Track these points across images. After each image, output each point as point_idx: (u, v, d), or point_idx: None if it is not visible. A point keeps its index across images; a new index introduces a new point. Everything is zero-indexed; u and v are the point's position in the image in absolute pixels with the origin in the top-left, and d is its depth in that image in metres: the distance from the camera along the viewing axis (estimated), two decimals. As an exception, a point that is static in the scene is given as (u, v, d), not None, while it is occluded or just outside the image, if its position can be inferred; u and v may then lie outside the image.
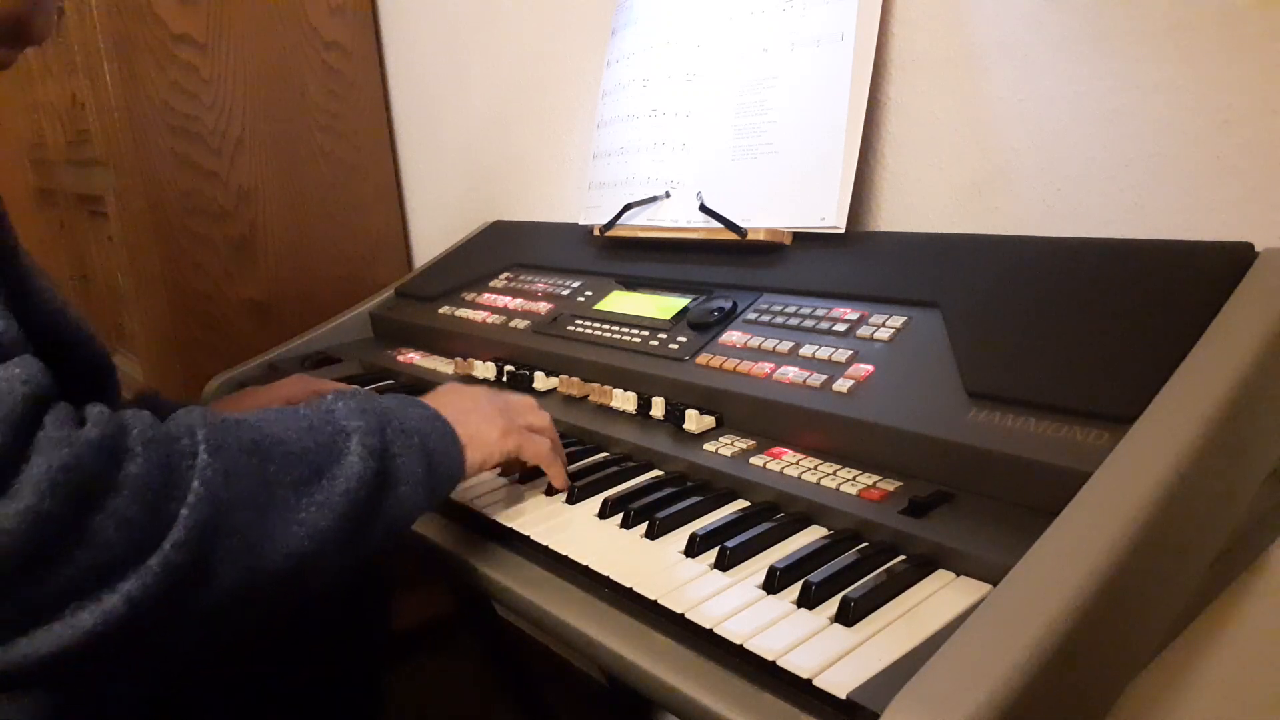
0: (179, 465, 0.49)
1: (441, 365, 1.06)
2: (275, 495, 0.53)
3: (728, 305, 0.84)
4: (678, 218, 0.97)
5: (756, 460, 0.68)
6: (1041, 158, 0.78)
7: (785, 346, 0.75)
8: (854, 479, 0.63)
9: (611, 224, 1.03)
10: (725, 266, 0.91)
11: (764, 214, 0.89)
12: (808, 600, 0.52)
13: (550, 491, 0.71)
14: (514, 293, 1.10)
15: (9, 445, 0.43)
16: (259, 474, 0.52)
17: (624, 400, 0.82)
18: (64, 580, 0.44)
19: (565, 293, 1.03)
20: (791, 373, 0.72)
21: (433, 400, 0.67)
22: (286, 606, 0.55)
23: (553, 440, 0.72)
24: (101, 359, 0.68)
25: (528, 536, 0.64)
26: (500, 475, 0.75)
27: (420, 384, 1.03)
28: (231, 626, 0.52)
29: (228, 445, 0.51)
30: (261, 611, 0.53)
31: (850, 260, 0.82)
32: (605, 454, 0.78)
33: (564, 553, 0.61)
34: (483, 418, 0.67)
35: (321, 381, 0.92)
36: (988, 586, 0.52)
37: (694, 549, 0.59)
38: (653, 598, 0.54)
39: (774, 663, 0.47)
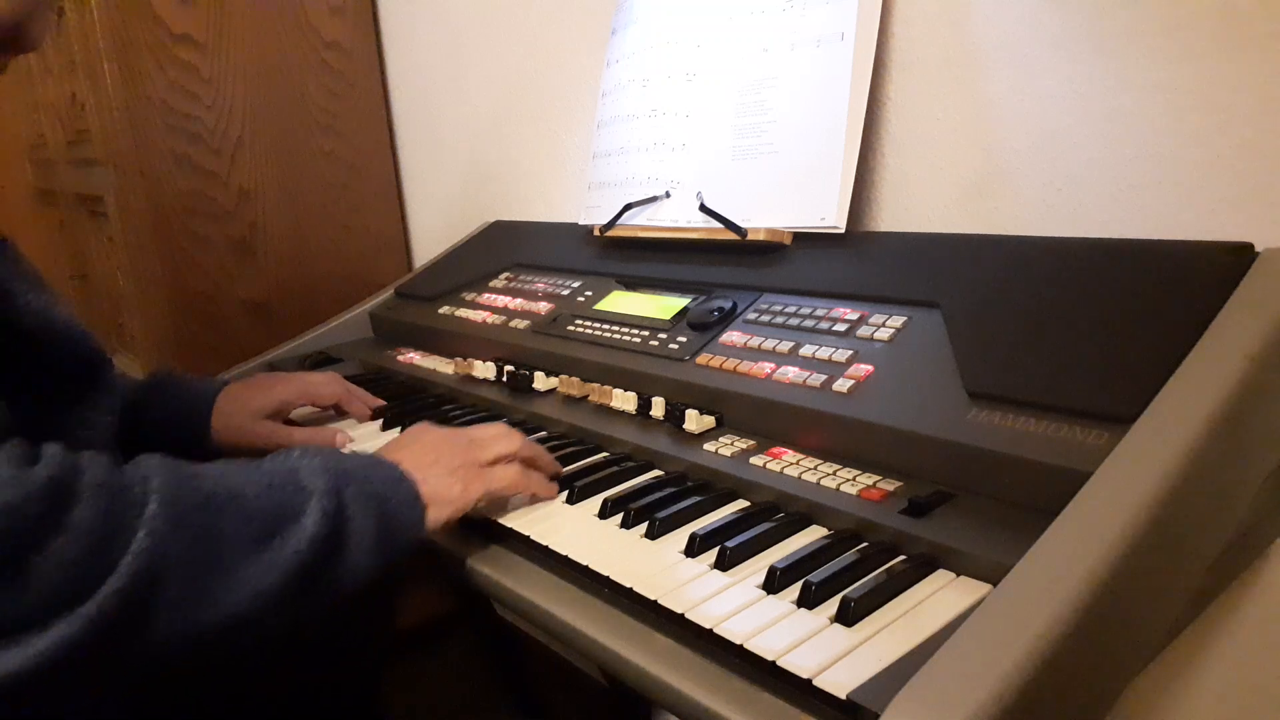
0: (126, 514, 0.48)
1: (441, 365, 1.06)
2: (223, 552, 0.51)
3: (728, 305, 0.84)
4: (678, 218, 0.97)
5: (756, 460, 0.68)
6: (1041, 158, 0.78)
7: (785, 346, 0.75)
8: (854, 479, 0.63)
9: (611, 224, 1.03)
10: (725, 266, 0.91)
11: (764, 214, 0.89)
12: (808, 600, 0.52)
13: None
14: (514, 293, 1.10)
15: None
16: (210, 529, 0.51)
17: (624, 400, 0.82)
18: None
19: (565, 293, 1.03)
20: (791, 373, 0.72)
21: (396, 452, 0.65)
22: (218, 663, 0.53)
23: (528, 457, 0.70)
24: (94, 356, 0.68)
25: (528, 536, 0.64)
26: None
27: (419, 383, 1.03)
28: (158, 677, 0.51)
29: (181, 498, 0.50)
30: (193, 667, 0.51)
31: (850, 260, 0.82)
32: (605, 454, 0.77)
33: (564, 553, 0.61)
34: (445, 469, 0.65)
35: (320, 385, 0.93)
36: (988, 586, 0.52)
37: (694, 549, 0.59)
38: (653, 598, 0.54)
39: (774, 663, 0.47)
